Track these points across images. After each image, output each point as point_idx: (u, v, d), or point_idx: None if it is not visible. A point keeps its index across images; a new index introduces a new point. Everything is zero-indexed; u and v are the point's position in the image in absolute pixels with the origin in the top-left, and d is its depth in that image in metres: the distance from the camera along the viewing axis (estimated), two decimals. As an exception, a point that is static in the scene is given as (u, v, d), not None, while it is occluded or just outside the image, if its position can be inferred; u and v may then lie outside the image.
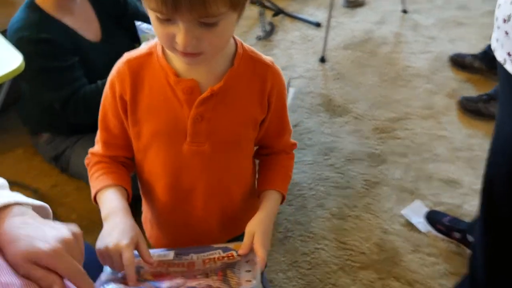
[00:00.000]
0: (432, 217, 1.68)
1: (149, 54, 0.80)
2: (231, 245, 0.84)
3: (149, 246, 0.92)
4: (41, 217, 0.69)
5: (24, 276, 0.59)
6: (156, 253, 0.82)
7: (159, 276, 0.76)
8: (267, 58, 0.86)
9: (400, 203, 1.77)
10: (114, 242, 0.72)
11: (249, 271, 0.77)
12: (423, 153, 1.99)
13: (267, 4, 2.88)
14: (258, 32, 2.73)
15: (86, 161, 0.88)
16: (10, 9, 1.60)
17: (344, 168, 1.93)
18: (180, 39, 0.67)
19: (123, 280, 0.72)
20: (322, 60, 2.52)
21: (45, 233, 0.63)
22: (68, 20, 1.54)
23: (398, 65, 2.50)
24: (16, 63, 1.16)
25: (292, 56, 2.57)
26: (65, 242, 0.62)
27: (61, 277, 0.61)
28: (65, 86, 1.49)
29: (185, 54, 0.71)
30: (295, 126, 2.12)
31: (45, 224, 0.66)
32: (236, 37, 0.83)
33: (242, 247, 0.82)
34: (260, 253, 0.80)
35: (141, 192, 0.96)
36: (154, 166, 0.86)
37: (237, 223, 0.90)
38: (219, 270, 0.77)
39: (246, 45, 0.85)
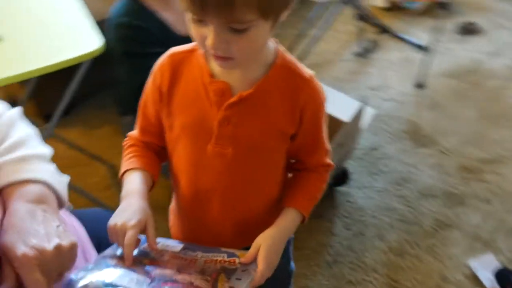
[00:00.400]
0: (504, 276, 1.51)
1: (192, 51, 0.82)
2: (237, 252, 0.83)
3: (170, 236, 0.95)
4: (53, 207, 0.73)
5: None
6: (166, 242, 0.84)
7: (155, 263, 0.77)
8: (308, 71, 0.83)
9: (469, 252, 1.62)
10: (123, 221, 0.74)
11: (239, 279, 0.76)
12: (509, 203, 1.79)
13: (372, 21, 2.78)
14: (357, 47, 2.65)
15: (123, 143, 0.92)
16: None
17: (415, 203, 1.80)
18: (209, 41, 0.67)
19: (120, 259, 0.73)
20: (419, 85, 2.38)
21: (36, 234, 0.64)
22: (164, 13, 1.63)
23: (504, 103, 2.28)
24: (96, 45, 1.24)
25: (387, 77, 2.47)
26: (42, 253, 0.63)
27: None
28: (148, 71, 1.58)
29: (216, 57, 0.71)
30: (372, 149, 2.04)
31: (47, 223, 0.68)
32: (279, 46, 0.81)
33: (245, 256, 0.81)
34: (260, 267, 0.79)
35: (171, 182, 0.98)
36: (180, 160, 0.88)
37: (255, 233, 0.88)
38: (215, 272, 0.77)
39: (288, 56, 0.82)
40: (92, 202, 1.71)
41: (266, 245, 0.82)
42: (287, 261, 1.11)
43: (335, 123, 1.70)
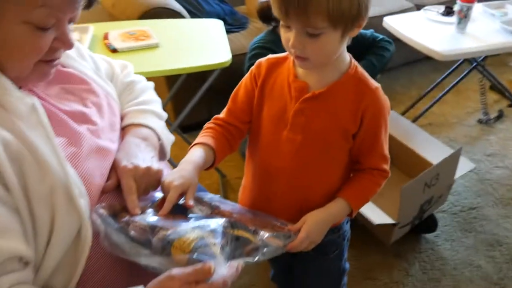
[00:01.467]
0: None
1: (285, 58, 1.03)
2: (288, 224, 0.97)
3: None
4: (154, 146, 0.98)
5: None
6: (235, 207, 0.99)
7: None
8: (374, 83, 0.98)
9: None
10: (170, 180, 0.88)
11: (280, 237, 0.91)
12: None
13: (505, 93, 2.76)
14: (483, 115, 2.65)
15: (206, 124, 1.10)
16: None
17: (503, 266, 1.75)
18: (290, 42, 0.88)
19: (159, 209, 0.86)
20: (542, 160, 2.28)
21: (136, 157, 0.89)
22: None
23: None
24: (227, 59, 1.58)
25: (507, 147, 2.42)
26: (137, 169, 0.86)
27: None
28: None
29: (296, 56, 0.91)
30: (471, 208, 2.02)
31: (146, 153, 0.92)
32: (353, 60, 0.99)
33: (293, 226, 0.97)
34: (300, 234, 0.94)
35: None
36: (260, 141, 1.06)
37: None
38: (260, 227, 0.92)
39: (360, 69, 0.99)
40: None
41: (310, 220, 0.97)
42: (341, 259, 1.20)
43: (423, 163, 1.78)
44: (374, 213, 1.63)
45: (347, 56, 0.98)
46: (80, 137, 0.83)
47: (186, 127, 2.32)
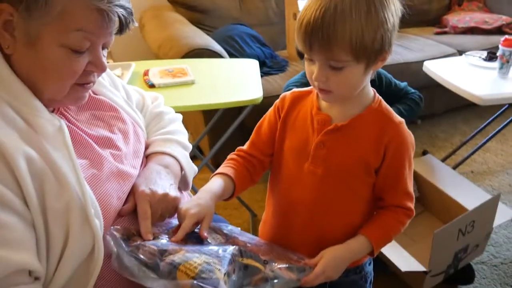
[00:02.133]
0: None
1: (310, 92, 1.05)
2: (306, 258, 0.96)
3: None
4: (175, 174, 1.01)
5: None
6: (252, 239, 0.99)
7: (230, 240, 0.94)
8: (398, 118, 0.97)
9: None
10: (186, 208, 0.90)
11: (294, 269, 0.90)
12: None
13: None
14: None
15: (229, 155, 1.13)
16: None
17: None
18: (314, 74, 0.90)
19: (172, 235, 0.88)
20: None
21: (155, 183, 0.92)
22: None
23: None
24: (259, 96, 1.62)
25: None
26: (154, 195, 0.89)
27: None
28: None
29: (320, 89, 0.92)
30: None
31: (165, 180, 0.95)
32: (377, 95, 0.99)
33: (310, 260, 0.95)
34: (316, 269, 0.92)
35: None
36: (281, 173, 1.06)
37: None
38: (275, 259, 0.92)
39: (384, 103, 0.99)
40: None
41: (328, 256, 0.95)
42: None
43: (459, 210, 1.71)
44: (403, 260, 1.56)
45: (371, 91, 0.98)
46: (102, 160, 0.87)
47: (220, 165, 2.35)
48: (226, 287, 0.74)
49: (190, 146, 1.14)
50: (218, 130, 2.06)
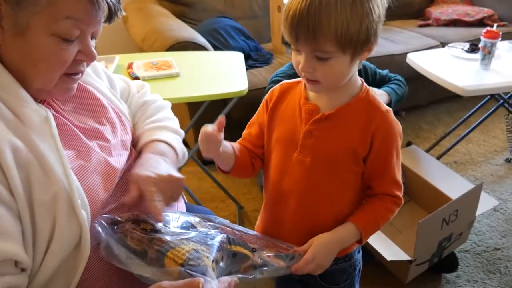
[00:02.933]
0: None
1: (298, 82, 1.05)
2: (295, 246, 0.97)
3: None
4: (171, 160, 1.00)
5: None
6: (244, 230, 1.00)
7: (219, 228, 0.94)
8: (385, 106, 0.98)
9: None
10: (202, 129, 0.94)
11: (283, 257, 0.90)
12: None
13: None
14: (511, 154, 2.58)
15: None
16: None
17: (530, 311, 1.65)
18: (300, 65, 0.90)
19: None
20: None
21: (155, 167, 0.92)
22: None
23: None
24: (243, 88, 1.62)
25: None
26: (159, 177, 0.89)
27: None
28: None
29: (307, 80, 0.93)
30: (496, 249, 1.94)
31: (165, 165, 0.95)
32: (365, 84, 0.99)
33: (299, 248, 0.96)
34: (306, 256, 0.93)
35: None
36: (271, 165, 1.06)
37: None
38: (264, 247, 0.93)
39: (372, 93, 0.99)
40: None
41: (317, 242, 0.96)
42: (352, 283, 1.15)
43: (443, 199, 1.73)
44: (389, 250, 1.58)
45: (359, 80, 0.99)
46: (89, 151, 0.86)
47: (207, 160, 2.35)
48: (214, 274, 0.74)
49: (182, 132, 1.14)
50: (204, 123, 2.04)
